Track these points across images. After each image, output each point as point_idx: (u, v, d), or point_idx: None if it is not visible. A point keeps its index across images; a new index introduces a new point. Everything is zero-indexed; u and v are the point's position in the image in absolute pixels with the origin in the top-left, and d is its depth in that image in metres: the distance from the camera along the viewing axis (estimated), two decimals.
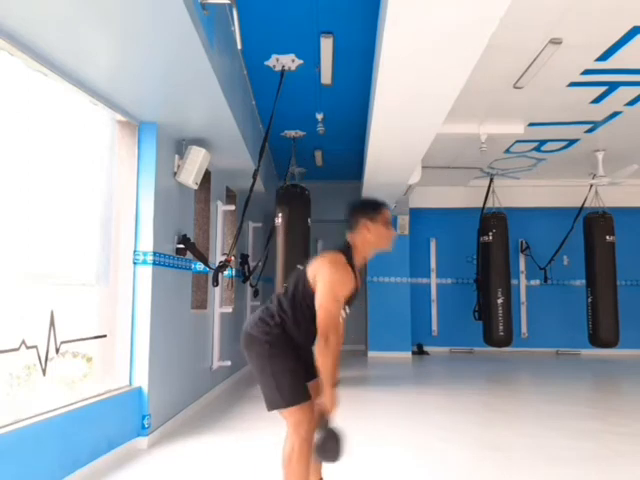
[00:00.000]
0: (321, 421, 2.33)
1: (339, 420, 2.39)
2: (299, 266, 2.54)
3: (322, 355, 2.28)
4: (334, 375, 2.33)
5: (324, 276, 2.34)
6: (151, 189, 4.04)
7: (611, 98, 5.55)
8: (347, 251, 2.44)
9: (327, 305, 2.30)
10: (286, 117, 5.90)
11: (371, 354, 9.43)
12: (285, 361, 2.39)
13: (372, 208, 2.50)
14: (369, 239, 2.46)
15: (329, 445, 2.30)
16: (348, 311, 2.50)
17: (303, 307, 2.41)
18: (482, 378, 7.71)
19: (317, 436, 2.32)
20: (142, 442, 3.83)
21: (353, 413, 4.94)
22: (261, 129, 6.07)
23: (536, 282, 10.28)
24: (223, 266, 5.07)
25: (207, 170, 4.90)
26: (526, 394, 6.53)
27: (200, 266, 5.24)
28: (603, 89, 5.35)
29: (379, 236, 2.47)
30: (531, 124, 6.40)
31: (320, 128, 6.06)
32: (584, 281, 8.81)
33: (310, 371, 2.53)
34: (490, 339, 8.48)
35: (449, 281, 10.49)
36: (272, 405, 2.38)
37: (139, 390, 3.90)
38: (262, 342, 2.40)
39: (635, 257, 10.06)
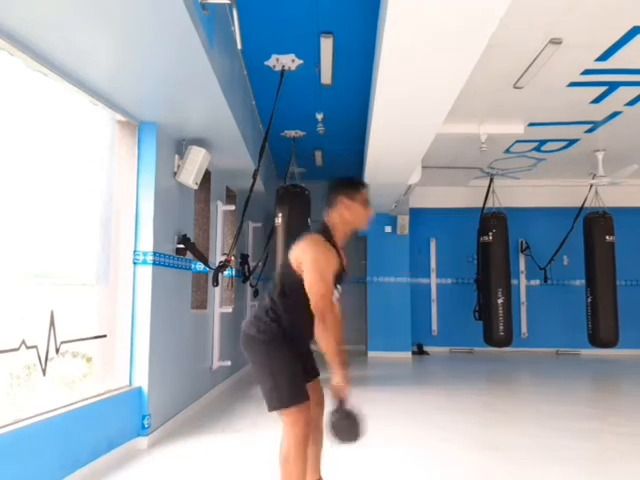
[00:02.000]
0: (336, 402, 2.30)
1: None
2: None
3: (323, 337, 2.28)
4: (340, 355, 2.31)
5: (307, 259, 2.34)
6: (151, 189, 4.04)
7: (611, 98, 5.55)
8: (325, 231, 2.44)
9: (316, 287, 2.29)
10: (286, 117, 5.90)
11: (371, 354, 9.42)
12: (283, 361, 2.37)
13: (352, 187, 2.51)
14: (347, 217, 2.47)
15: (345, 426, 2.26)
16: (340, 290, 2.48)
17: (294, 295, 2.39)
18: (482, 378, 7.71)
19: (332, 417, 2.28)
20: (142, 442, 3.83)
21: None
22: (261, 129, 6.07)
23: (536, 282, 10.28)
24: (223, 266, 5.07)
25: (207, 170, 4.90)
26: (526, 394, 6.53)
27: (200, 266, 5.24)
28: (603, 89, 5.35)
29: (357, 215, 2.48)
30: (531, 124, 6.40)
31: (320, 128, 6.06)
32: (584, 281, 8.80)
33: (309, 371, 2.53)
34: (490, 339, 8.48)
35: (449, 281, 10.49)
36: (271, 406, 2.37)
37: (139, 390, 3.90)
38: (259, 341, 2.39)
39: (635, 257, 10.06)
